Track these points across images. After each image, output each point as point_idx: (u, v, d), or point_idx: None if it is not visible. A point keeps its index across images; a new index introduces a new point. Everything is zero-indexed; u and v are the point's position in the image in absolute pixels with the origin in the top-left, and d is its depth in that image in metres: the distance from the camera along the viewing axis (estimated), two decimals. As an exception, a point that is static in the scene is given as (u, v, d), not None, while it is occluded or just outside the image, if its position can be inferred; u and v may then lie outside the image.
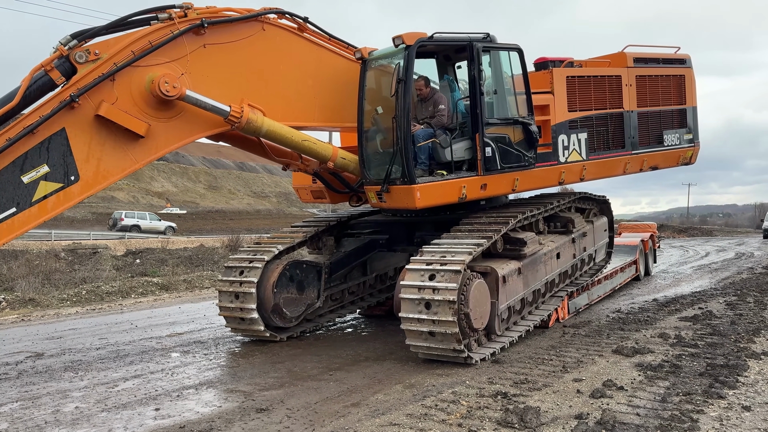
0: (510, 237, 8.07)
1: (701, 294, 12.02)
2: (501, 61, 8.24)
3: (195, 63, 7.01)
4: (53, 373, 7.33)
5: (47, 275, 17.38)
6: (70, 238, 37.00)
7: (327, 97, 8.15)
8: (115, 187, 76.32)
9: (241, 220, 61.32)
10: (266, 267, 8.51)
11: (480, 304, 7.04)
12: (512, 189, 8.55)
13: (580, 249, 9.99)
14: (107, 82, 6.45)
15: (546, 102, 9.11)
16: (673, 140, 11.16)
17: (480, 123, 7.85)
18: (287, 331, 8.83)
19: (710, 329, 8.45)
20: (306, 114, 8.01)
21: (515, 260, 7.93)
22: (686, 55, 11.53)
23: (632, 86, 10.40)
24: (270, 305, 8.42)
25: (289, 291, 8.68)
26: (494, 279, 7.38)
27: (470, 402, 5.57)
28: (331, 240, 9.96)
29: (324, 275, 9.20)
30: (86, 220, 52.66)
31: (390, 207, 8.11)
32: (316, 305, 9.14)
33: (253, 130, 7.33)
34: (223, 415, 5.53)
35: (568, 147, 9.37)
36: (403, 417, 5.24)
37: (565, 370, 6.55)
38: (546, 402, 5.52)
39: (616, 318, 9.62)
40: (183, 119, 7.01)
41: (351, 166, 8.39)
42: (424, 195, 7.53)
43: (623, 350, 7.25)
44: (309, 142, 7.91)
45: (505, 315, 7.76)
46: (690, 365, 6.61)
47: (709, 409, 5.22)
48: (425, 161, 7.88)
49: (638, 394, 5.67)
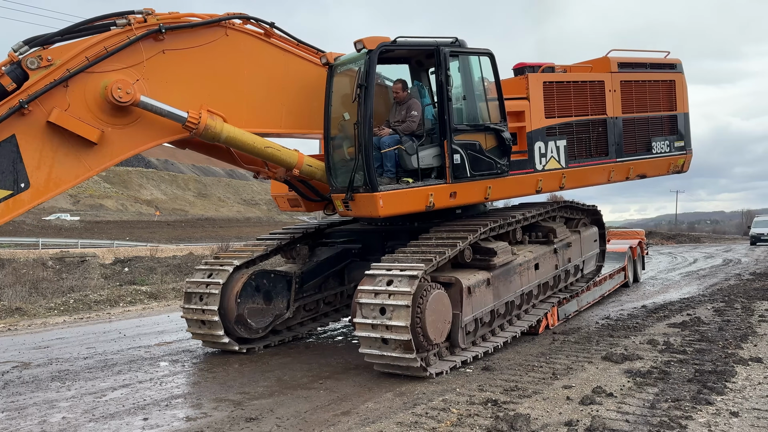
0: (480, 246, 7.84)
1: (689, 300, 12.09)
2: (471, 66, 8.07)
3: (153, 69, 6.86)
4: (40, 383, 7.25)
5: (34, 284, 17.21)
6: (58, 246, 36.71)
7: (295, 103, 8.01)
8: (104, 194, 75.92)
9: (230, 228, 61.13)
10: (230, 277, 8.29)
11: (439, 316, 6.84)
12: (485, 197, 8.31)
13: (564, 260, 9.72)
14: (60, 89, 6.32)
15: (521, 108, 8.87)
16: (663, 148, 10.84)
17: (448, 129, 7.66)
18: (253, 343, 8.58)
19: (698, 335, 8.51)
20: (273, 120, 7.87)
21: (484, 270, 7.70)
22: (677, 60, 11.21)
23: (616, 92, 10.09)
24: (233, 316, 8.18)
25: (254, 301, 8.44)
26: (458, 290, 7.16)
27: (460, 410, 5.57)
28: (304, 249, 9.70)
29: (294, 285, 8.97)
30: (74, 229, 52.25)
31: (355, 215, 7.93)
32: (285, 316, 8.88)
33: (211, 137, 7.16)
34: (213, 425, 5.49)
35: (545, 154, 9.10)
36: (393, 425, 5.22)
37: (555, 377, 6.57)
38: (536, 409, 5.52)
39: (606, 324, 9.65)
40: (140, 126, 6.87)
41: (318, 173, 8.18)
42: (388, 203, 7.32)
43: (612, 357, 7.28)
44: (272, 148, 7.69)
45: (471, 327, 7.51)
46: (678, 371, 6.65)
47: (698, 415, 5.25)
48: (391, 169, 7.68)
49: (627, 401, 5.69)
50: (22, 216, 54.69)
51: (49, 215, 58.00)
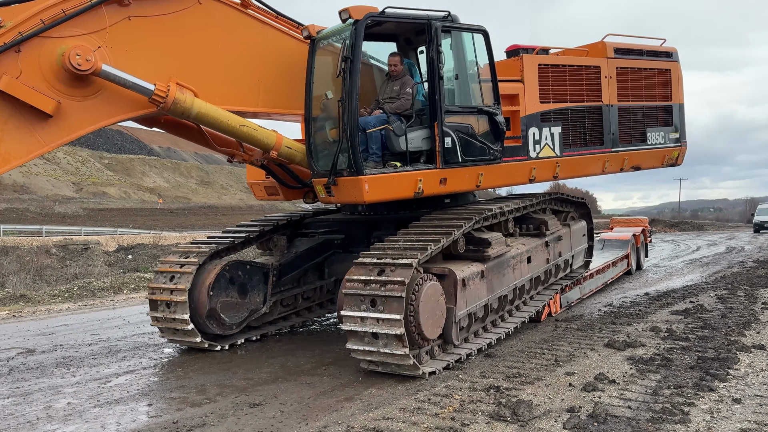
0: (473, 237, 7.39)
1: (692, 288, 12.08)
2: (464, 44, 7.58)
3: (117, 37, 6.32)
4: (45, 369, 7.29)
5: (38, 271, 17.28)
6: (61, 233, 36.81)
7: (274, 81, 7.47)
8: (107, 182, 75.93)
9: (233, 216, 61.16)
10: (202, 269, 7.75)
11: (433, 309, 6.38)
12: (476, 185, 7.85)
13: (555, 254, 9.33)
14: (11, 53, 5.76)
15: (515, 91, 8.44)
16: (658, 139, 10.46)
17: (439, 110, 7.19)
18: (228, 339, 8.05)
19: (701, 323, 8.51)
20: (249, 98, 7.34)
21: (478, 262, 7.26)
22: (672, 48, 10.83)
23: (612, 78, 9.67)
24: (204, 310, 7.58)
25: (228, 295, 7.89)
26: (452, 282, 6.71)
27: (463, 396, 5.59)
28: (282, 240, 9.06)
29: (272, 278, 8.43)
30: (78, 216, 52.34)
31: (338, 202, 7.38)
32: (261, 311, 8.37)
33: (180, 112, 6.63)
34: (216, 411, 5.52)
35: (539, 141, 8.66)
36: (396, 411, 5.25)
37: (558, 364, 6.58)
38: (538, 395, 5.54)
39: (608, 312, 9.66)
40: (102, 98, 6.32)
41: (298, 156, 7.65)
42: (374, 188, 6.87)
43: (615, 344, 7.29)
44: (248, 127, 7.16)
45: (465, 323, 7.06)
46: (681, 358, 6.65)
47: (700, 401, 5.26)
48: (377, 151, 7.18)
49: (630, 388, 5.71)
50: (26, 203, 54.79)
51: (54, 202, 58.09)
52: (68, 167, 78.62)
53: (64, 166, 78.08)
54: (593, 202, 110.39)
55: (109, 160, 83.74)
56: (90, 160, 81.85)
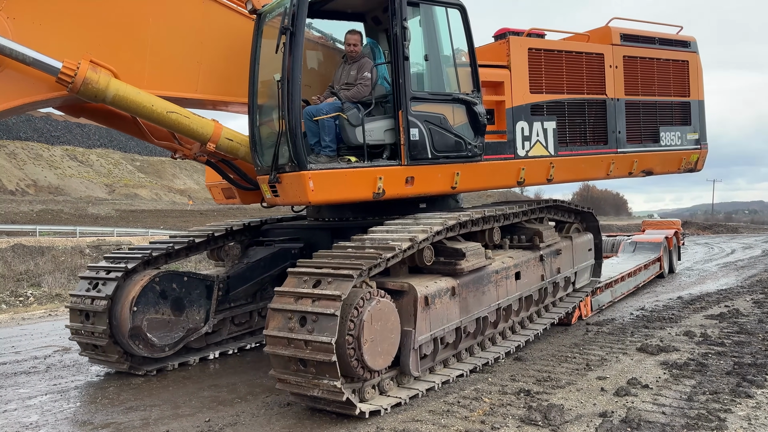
0: (445, 247, 6.27)
1: (727, 292, 11.82)
2: (436, 21, 6.61)
3: (21, 5, 5.48)
4: (80, 367, 7.44)
5: (73, 271, 17.65)
6: (95, 234, 37.59)
7: (216, 63, 6.58)
8: (138, 184, 77.39)
9: (261, 217, 61.76)
10: (129, 279, 6.70)
11: (382, 333, 5.23)
12: (452, 186, 6.77)
13: (551, 270, 8.04)
14: None
15: (500, 78, 7.36)
16: (673, 140, 9.23)
17: (404, 96, 6.18)
18: (158, 363, 6.88)
19: (737, 327, 8.32)
20: (186, 82, 6.41)
21: (449, 277, 6.14)
22: (691, 38, 9.55)
23: (619, 68, 8.52)
24: (126, 329, 6.42)
25: (158, 311, 6.69)
26: (412, 300, 5.58)
27: (493, 399, 5.55)
28: (236, 249, 7.90)
29: (217, 292, 7.25)
30: (110, 217, 53.39)
31: (285, 203, 6.40)
32: (202, 330, 7.15)
33: (93, 94, 5.73)
34: (247, 410, 5.54)
35: (529, 138, 7.57)
36: (426, 413, 5.24)
37: (589, 368, 6.50)
38: (570, 400, 5.48)
39: (640, 316, 9.50)
40: (4, 78, 5.49)
41: (241, 150, 6.68)
42: (321, 186, 5.88)
43: (648, 348, 7.16)
44: (178, 114, 6.19)
45: (428, 349, 5.87)
46: (716, 364, 6.52)
47: (737, 408, 5.15)
48: (331, 144, 6.20)
49: (664, 393, 5.61)
50: (61, 205, 56.06)
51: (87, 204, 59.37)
52: (101, 169, 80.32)
53: (97, 169, 79.80)
54: (623, 204, 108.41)
55: (140, 162, 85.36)
56: (122, 163, 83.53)
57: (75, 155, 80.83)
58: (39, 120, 79.48)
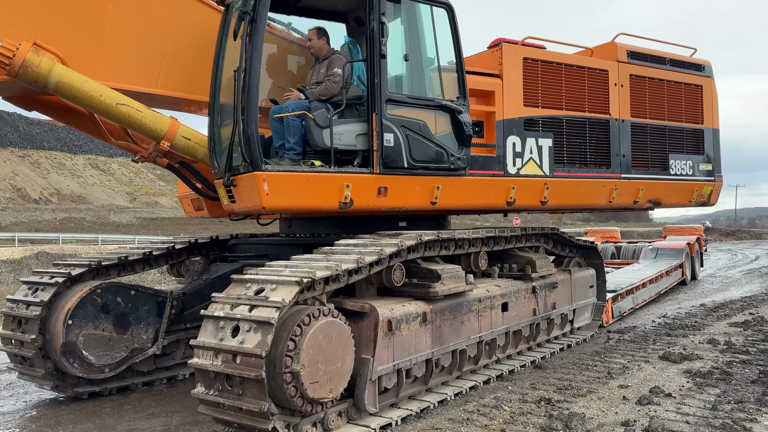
0: (419, 267, 5.70)
1: (752, 299, 11.64)
2: (420, 20, 6.09)
3: None
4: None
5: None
6: (116, 242, 38.08)
7: (180, 57, 6.06)
8: (159, 192, 78.25)
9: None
10: (63, 290, 5.99)
11: (328, 357, 4.49)
12: (431, 201, 6.08)
13: (546, 304, 7.37)
14: None
15: (490, 88, 6.81)
16: (684, 168, 8.47)
17: (379, 97, 5.64)
18: (93, 385, 6.11)
19: (762, 335, 8.19)
20: (145, 76, 5.87)
21: (421, 301, 5.53)
22: (705, 61, 8.95)
23: (624, 87, 7.94)
24: (59, 344, 5.68)
25: (97, 326, 5.95)
26: (372, 323, 4.94)
27: (513, 407, 5.51)
28: (196, 264, 7.26)
29: (169, 310, 6.50)
30: (131, 225, 54.03)
31: (241, 210, 5.74)
32: (149, 351, 6.34)
33: (33, 79, 5.19)
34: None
35: (521, 154, 6.92)
36: (445, 421, 5.21)
37: (611, 377, 6.43)
38: (591, 408, 5.42)
39: (663, 323, 9.39)
40: None
41: (200, 151, 6.07)
42: (277, 190, 5.25)
43: (670, 356, 7.07)
44: (129, 107, 5.59)
45: (390, 382, 5.19)
46: (741, 372, 6.41)
47: (763, 417, 5.05)
48: (295, 146, 5.63)
49: (687, 402, 5.53)
50: (83, 213, 56.87)
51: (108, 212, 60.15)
52: (122, 178, 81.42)
53: (118, 177, 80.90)
54: (643, 211, 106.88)
55: (161, 170, 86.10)
56: (143, 171, 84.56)
57: (97, 164, 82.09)
58: (62, 129, 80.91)
